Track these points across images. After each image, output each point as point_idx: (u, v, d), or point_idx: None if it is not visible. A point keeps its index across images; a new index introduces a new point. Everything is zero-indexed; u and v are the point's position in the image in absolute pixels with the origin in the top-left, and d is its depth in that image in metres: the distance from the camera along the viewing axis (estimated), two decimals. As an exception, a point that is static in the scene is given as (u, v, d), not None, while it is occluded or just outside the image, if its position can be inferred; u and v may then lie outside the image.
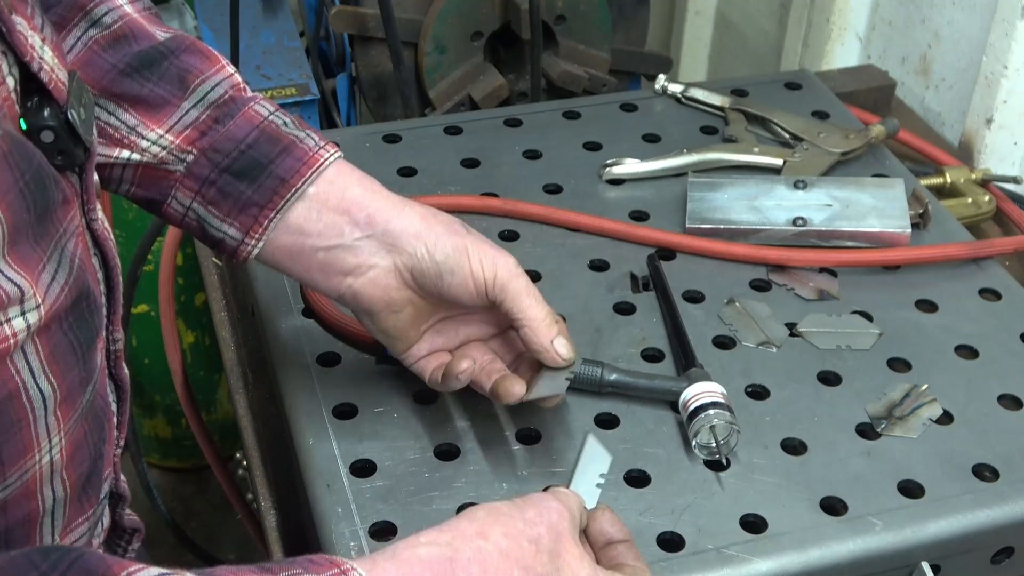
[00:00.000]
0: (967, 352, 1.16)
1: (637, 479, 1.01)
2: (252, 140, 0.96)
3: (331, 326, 1.14)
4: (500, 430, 1.05)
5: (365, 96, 1.70)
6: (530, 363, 1.00)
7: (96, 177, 0.82)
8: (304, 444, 1.04)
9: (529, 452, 1.03)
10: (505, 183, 1.36)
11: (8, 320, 0.68)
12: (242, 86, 0.99)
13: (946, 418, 1.08)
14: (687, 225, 1.28)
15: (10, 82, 0.72)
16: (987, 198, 1.44)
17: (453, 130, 1.45)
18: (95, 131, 0.82)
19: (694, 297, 1.21)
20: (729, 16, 2.28)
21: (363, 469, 1.01)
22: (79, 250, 0.77)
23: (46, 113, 0.74)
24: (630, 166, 1.37)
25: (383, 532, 0.96)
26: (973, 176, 1.46)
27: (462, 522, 0.79)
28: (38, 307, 0.71)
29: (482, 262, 0.95)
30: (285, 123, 0.98)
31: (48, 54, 0.76)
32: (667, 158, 1.38)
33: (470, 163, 1.39)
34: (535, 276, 1.22)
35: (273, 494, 1.14)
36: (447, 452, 1.03)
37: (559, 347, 0.96)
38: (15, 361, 0.70)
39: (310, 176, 0.96)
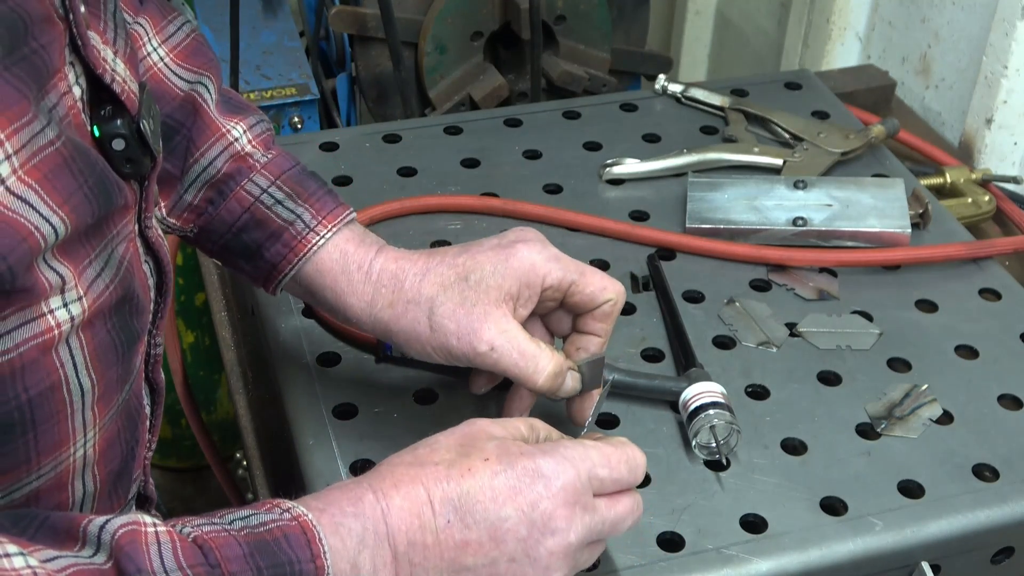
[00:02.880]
0: (967, 352, 1.16)
1: (637, 479, 1.01)
2: (243, 224, 1.00)
3: (331, 326, 1.14)
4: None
5: (365, 96, 1.70)
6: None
7: (155, 187, 0.85)
8: (304, 444, 1.04)
9: (529, 452, 1.03)
10: (505, 183, 1.36)
11: (52, 311, 0.70)
12: (243, 153, 1.01)
13: (946, 418, 1.08)
14: (687, 225, 1.28)
15: (76, 91, 0.74)
16: (987, 198, 1.44)
17: (453, 130, 1.45)
18: (161, 141, 0.84)
19: (694, 297, 1.21)
20: (729, 16, 2.28)
21: (363, 469, 1.01)
22: (129, 254, 0.79)
23: (119, 122, 0.76)
24: (630, 166, 1.37)
25: (383, 532, 0.96)
26: (973, 176, 1.46)
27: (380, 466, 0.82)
28: (80, 299, 0.72)
29: (451, 358, 0.94)
30: (278, 201, 1.00)
31: (120, 66, 0.78)
32: (667, 158, 1.38)
33: (470, 163, 1.39)
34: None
35: (273, 494, 1.14)
36: (447, 452, 1.03)
37: (560, 391, 0.95)
38: (60, 354, 0.72)
39: (297, 263, 0.99)
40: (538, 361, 0.92)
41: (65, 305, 0.71)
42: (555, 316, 0.99)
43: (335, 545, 0.74)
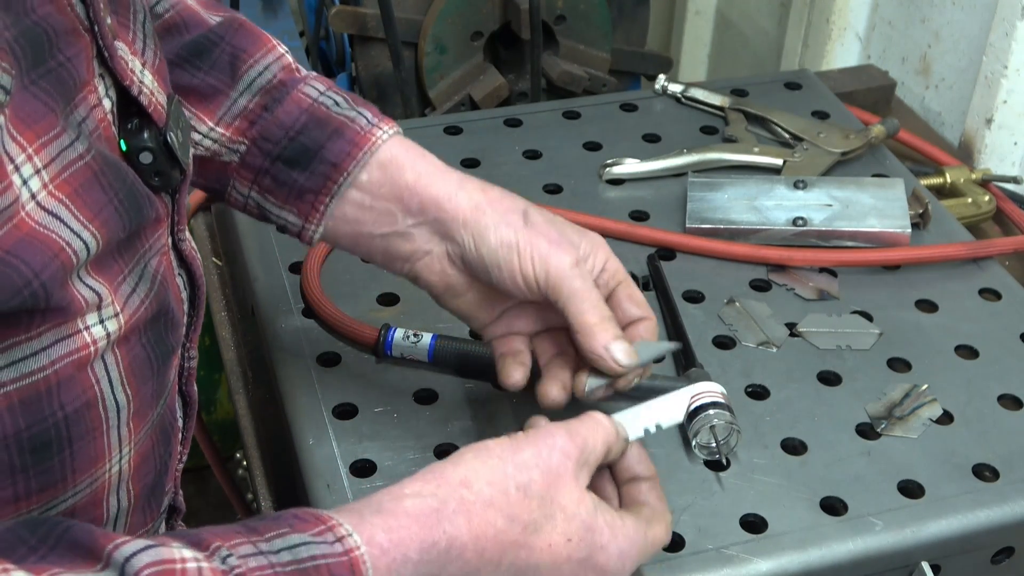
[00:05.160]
0: (967, 352, 1.16)
1: (637, 479, 1.01)
2: (301, 125, 0.94)
3: (331, 326, 1.14)
4: (500, 430, 1.05)
5: (365, 96, 1.70)
6: None
7: (187, 199, 0.83)
8: (304, 444, 1.04)
9: (529, 452, 1.03)
10: (505, 183, 1.33)
11: (88, 327, 0.69)
12: (293, 66, 0.97)
13: (946, 418, 1.08)
14: (687, 225, 1.28)
15: (106, 104, 0.73)
16: (987, 198, 1.44)
17: (453, 130, 1.45)
18: (191, 153, 0.82)
19: (694, 297, 1.21)
20: (729, 16, 2.28)
21: (363, 469, 1.01)
22: (162, 268, 0.78)
23: (146, 135, 0.75)
24: (630, 166, 1.37)
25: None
26: (973, 176, 1.46)
27: (447, 467, 0.77)
28: (117, 315, 0.71)
29: (533, 260, 0.90)
30: (337, 103, 0.96)
31: (148, 78, 0.77)
32: (667, 158, 1.38)
33: (470, 163, 1.39)
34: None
35: (273, 494, 1.14)
36: (447, 452, 1.03)
37: (616, 352, 0.90)
38: (95, 370, 0.71)
39: (362, 157, 0.93)
40: (606, 308, 0.90)
41: (101, 322, 0.70)
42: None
43: None
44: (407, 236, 0.94)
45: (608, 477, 0.86)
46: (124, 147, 0.74)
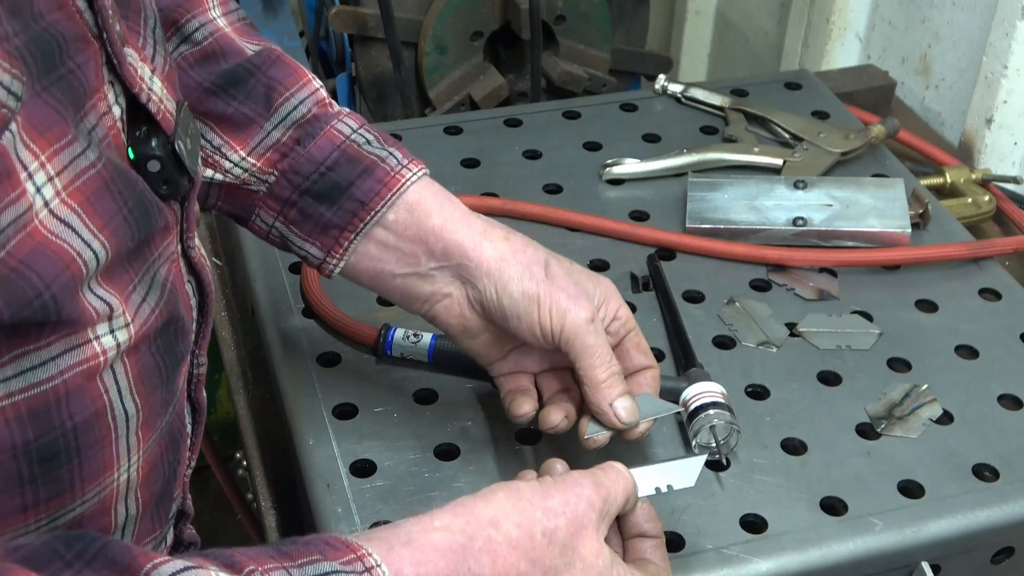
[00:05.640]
0: (967, 352, 1.16)
1: (637, 479, 1.01)
2: (332, 162, 0.96)
3: (331, 326, 1.14)
4: (500, 430, 1.05)
5: (365, 96, 1.70)
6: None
7: (196, 206, 0.83)
8: (304, 444, 1.04)
9: (530, 452, 1.03)
10: (505, 183, 1.36)
11: (98, 337, 0.69)
12: (327, 101, 0.99)
13: (946, 418, 1.08)
14: (687, 225, 1.28)
15: (116, 111, 0.73)
16: (987, 198, 1.44)
17: (453, 130, 1.45)
18: (200, 161, 0.82)
19: (694, 297, 1.21)
20: (729, 16, 2.28)
21: (363, 469, 1.01)
22: (172, 275, 0.78)
23: (153, 143, 0.75)
24: (630, 166, 1.37)
25: (383, 532, 0.96)
26: (973, 176, 1.46)
27: (478, 504, 0.78)
28: (127, 325, 0.71)
29: (551, 313, 0.92)
30: (368, 141, 0.97)
31: (157, 85, 0.77)
32: (667, 158, 1.38)
33: (470, 163, 1.39)
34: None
35: (273, 494, 1.14)
36: (447, 452, 1.03)
37: (619, 409, 0.93)
38: (104, 380, 0.71)
39: (391, 198, 0.95)
40: (616, 365, 0.93)
41: (112, 332, 0.70)
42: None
43: None
44: (428, 278, 0.96)
45: (615, 529, 0.87)
46: (132, 155, 0.74)
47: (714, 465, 1.02)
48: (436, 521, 0.76)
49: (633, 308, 1.18)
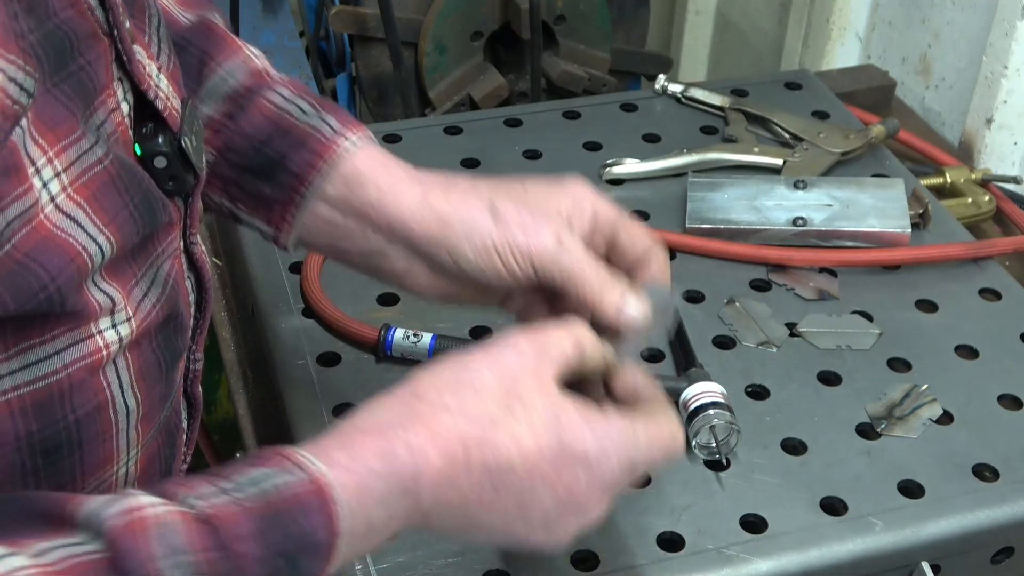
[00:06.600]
0: (967, 352, 1.16)
1: (637, 479, 1.01)
2: (265, 136, 0.91)
3: (331, 326, 1.14)
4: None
5: (365, 96, 1.70)
6: None
7: (200, 203, 0.83)
8: (304, 444, 1.03)
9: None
10: (505, 183, 1.35)
11: (101, 331, 0.69)
12: (262, 71, 0.94)
13: (946, 418, 1.08)
14: (687, 225, 1.28)
15: (124, 108, 0.73)
16: (987, 198, 1.44)
17: (453, 130, 1.45)
18: (204, 158, 0.82)
19: (694, 297, 1.21)
20: (729, 16, 2.28)
21: (363, 469, 1.01)
22: (174, 271, 0.78)
23: (160, 140, 0.75)
24: (630, 166, 1.37)
25: (383, 532, 0.96)
26: (973, 176, 1.46)
27: (396, 387, 0.75)
28: (129, 320, 0.71)
29: (514, 256, 0.85)
30: (303, 110, 0.92)
31: (164, 82, 0.77)
32: (667, 158, 1.38)
33: (470, 163, 1.39)
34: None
35: (273, 494, 1.14)
36: (447, 452, 1.03)
37: (630, 309, 0.85)
38: (107, 374, 0.71)
39: (324, 169, 0.89)
40: (603, 271, 0.85)
41: (114, 326, 0.70)
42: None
43: (354, 508, 0.68)
44: (385, 256, 0.90)
45: (609, 401, 0.82)
46: (139, 151, 0.74)
47: (714, 465, 1.02)
48: (357, 414, 0.73)
49: (633, 308, 1.19)
